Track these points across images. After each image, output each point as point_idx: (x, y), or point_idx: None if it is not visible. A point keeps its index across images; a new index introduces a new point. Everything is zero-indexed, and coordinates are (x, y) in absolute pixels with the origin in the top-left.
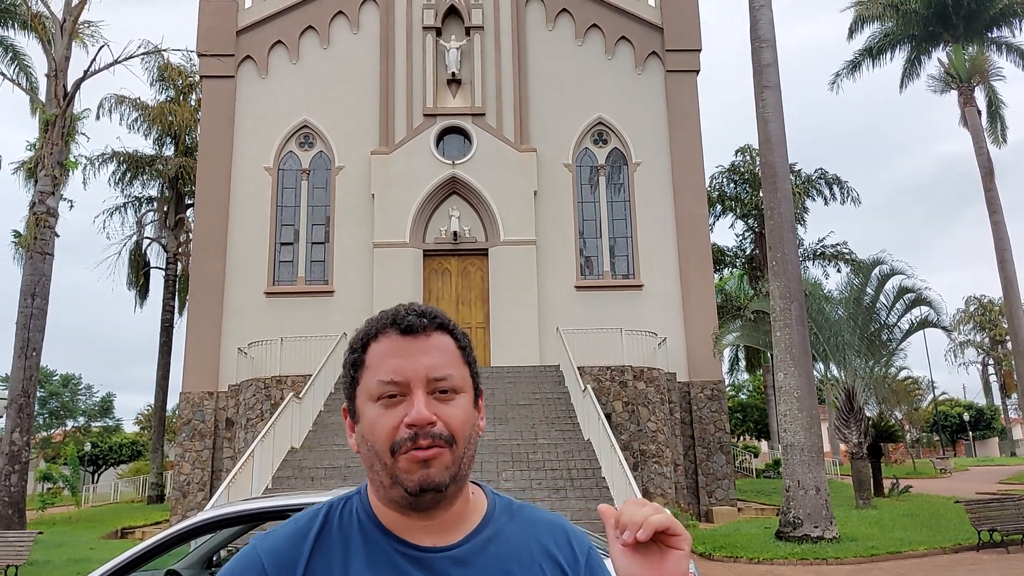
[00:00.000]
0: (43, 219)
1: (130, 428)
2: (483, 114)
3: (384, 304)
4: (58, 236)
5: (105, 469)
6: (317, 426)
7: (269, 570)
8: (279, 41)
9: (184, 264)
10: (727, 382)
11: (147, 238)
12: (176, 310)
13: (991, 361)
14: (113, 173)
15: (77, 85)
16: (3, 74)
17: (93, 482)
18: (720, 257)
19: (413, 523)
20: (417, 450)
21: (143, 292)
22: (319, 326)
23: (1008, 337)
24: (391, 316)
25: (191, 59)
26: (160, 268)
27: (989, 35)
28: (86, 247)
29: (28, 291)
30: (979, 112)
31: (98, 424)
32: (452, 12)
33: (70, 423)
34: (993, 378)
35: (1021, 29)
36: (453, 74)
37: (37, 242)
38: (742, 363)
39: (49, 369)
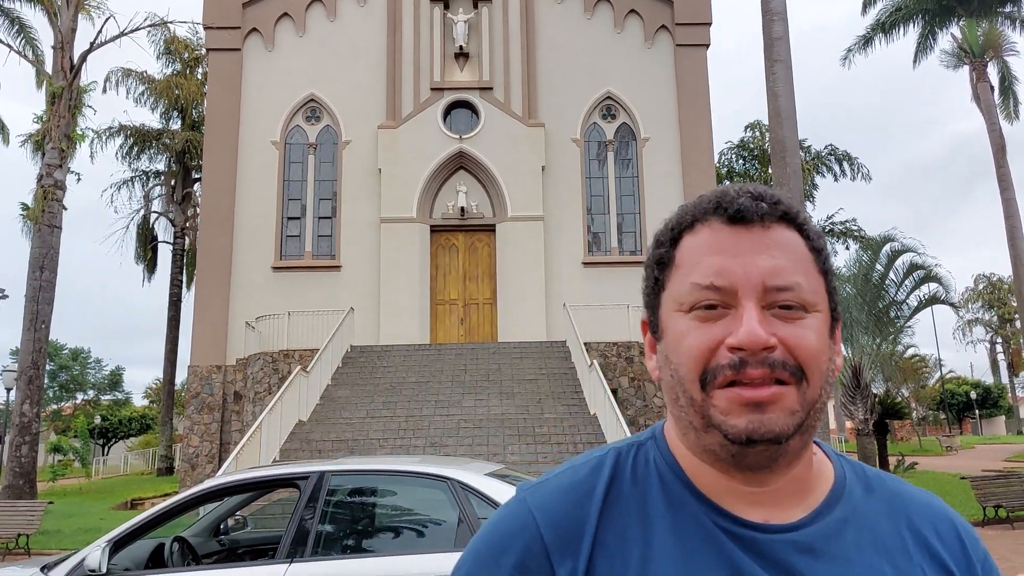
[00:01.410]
0: (51, 192)
1: (139, 402)
2: (491, 88)
3: (391, 279)
4: (66, 209)
5: (115, 442)
6: (324, 400)
7: (546, 536)
8: (285, 13)
9: (192, 238)
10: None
11: (155, 212)
12: (184, 284)
13: (999, 339)
14: (120, 147)
15: (83, 57)
16: (9, 46)
17: (103, 454)
18: None
19: (737, 487)
20: (743, 385)
21: (151, 266)
22: (326, 301)
23: (1017, 315)
24: (715, 198)
25: (197, 32)
26: (168, 242)
27: (1003, 10)
28: (94, 221)
29: (36, 264)
30: (992, 88)
31: (107, 397)
32: None
33: (80, 396)
34: (1001, 356)
35: None
36: (461, 48)
37: (45, 215)
38: None
39: (59, 343)
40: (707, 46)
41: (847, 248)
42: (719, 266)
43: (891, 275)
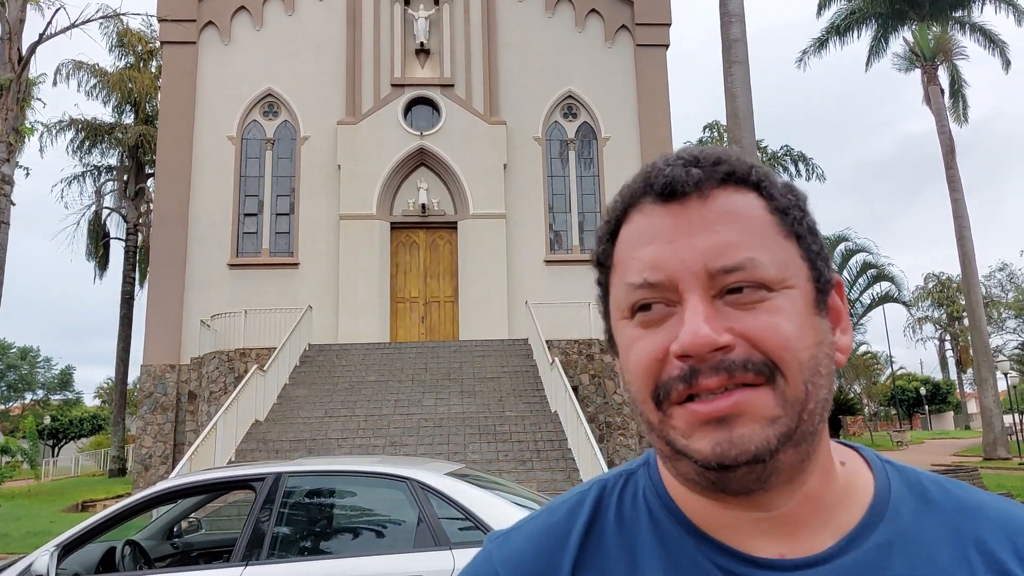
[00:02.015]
0: None
1: (91, 402)
2: (452, 85)
3: (351, 277)
4: (14, 204)
5: (65, 443)
6: (282, 399)
7: None
8: (242, 7)
9: (145, 235)
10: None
11: (107, 208)
12: (137, 282)
13: (948, 337)
14: (71, 141)
15: (32, 49)
16: None
17: (53, 456)
18: None
19: (738, 515)
20: (699, 400)
21: (103, 263)
22: (284, 299)
23: (965, 313)
24: (643, 175)
25: (151, 24)
26: (120, 239)
27: (953, 15)
28: (44, 216)
29: None
30: (942, 91)
31: (57, 397)
32: None
33: (29, 396)
34: (950, 354)
35: (982, 10)
36: (422, 44)
37: None
38: None
39: (6, 341)
40: (667, 46)
41: None
42: (652, 257)
43: (845, 274)
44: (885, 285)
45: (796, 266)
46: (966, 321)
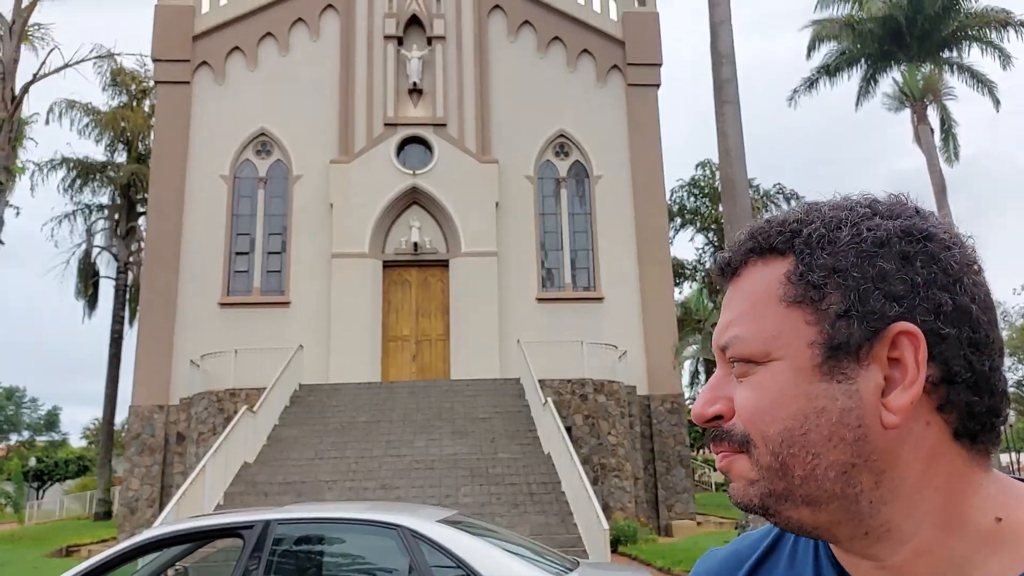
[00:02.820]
0: None
1: (77, 443)
2: (444, 124)
3: (342, 316)
4: (2, 244)
5: (50, 485)
6: (271, 440)
7: None
8: (236, 47)
9: (135, 274)
10: (687, 396)
11: (97, 247)
12: (126, 321)
13: None
14: (63, 179)
15: (26, 88)
16: None
17: (38, 498)
18: (680, 270)
19: (859, 562)
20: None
21: (92, 302)
22: (275, 338)
23: None
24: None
25: (145, 64)
26: (110, 278)
27: (941, 56)
28: (32, 255)
29: None
30: (932, 131)
31: (43, 439)
32: (414, 22)
33: (14, 437)
34: None
35: (969, 52)
36: (414, 84)
37: None
38: (702, 376)
39: None
40: (658, 86)
41: None
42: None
43: None
44: None
45: (791, 335)
46: None
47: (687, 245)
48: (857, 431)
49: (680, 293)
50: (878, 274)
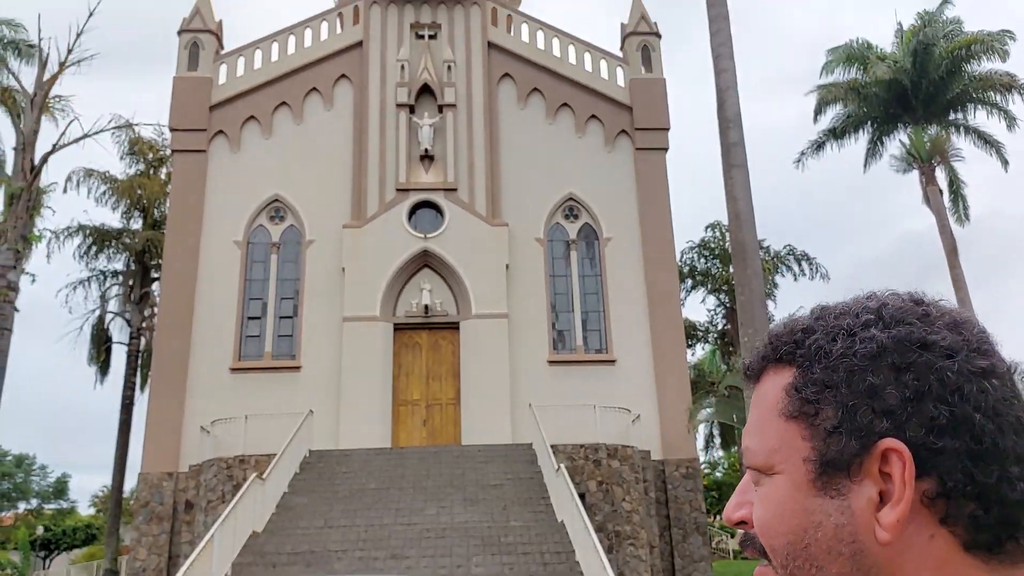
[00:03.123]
0: (3, 293)
1: (85, 511)
2: (455, 189)
3: (353, 380)
4: (18, 311)
5: (57, 554)
6: (281, 509)
7: None
8: (252, 116)
9: (148, 339)
10: (702, 460)
11: (111, 312)
12: (138, 387)
13: None
14: (78, 247)
15: (45, 159)
16: None
17: (44, 568)
18: (692, 332)
19: None
20: None
21: (104, 368)
22: (285, 403)
23: None
24: None
25: (163, 133)
26: (123, 343)
27: (948, 118)
28: (46, 320)
29: None
30: (941, 192)
31: (51, 506)
32: (425, 90)
33: (22, 506)
34: None
35: (975, 114)
36: (426, 150)
37: None
38: (717, 440)
39: (2, 449)
40: (665, 150)
41: None
42: None
43: None
44: None
45: (789, 449)
46: None
47: (699, 307)
48: (852, 546)
49: (693, 355)
50: (868, 388)
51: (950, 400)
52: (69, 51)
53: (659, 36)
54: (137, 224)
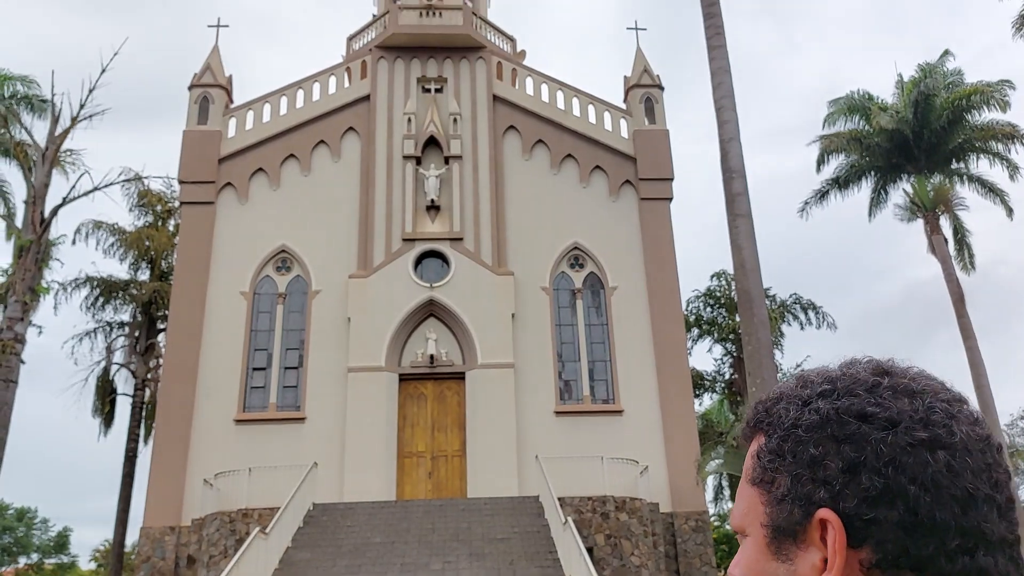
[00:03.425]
0: (9, 346)
1: (86, 565)
2: (461, 238)
3: (357, 431)
4: (24, 363)
5: None
6: (284, 564)
7: None
8: (260, 168)
9: (152, 391)
10: (712, 512)
11: (116, 363)
12: (141, 438)
13: None
14: (86, 298)
15: (55, 212)
16: None
17: None
18: (699, 381)
19: None
20: None
21: (108, 420)
22: (289, 454)
23: None
24: None
25: (172, 185)
26: (127, 395)
27: (950, 167)
28: (50, 371)
29: None
30: (946, 240)
31: (52, 561)
32: (432, 142)
33: (23, 560)
34: None
35: (977, 164)
36: (432, 200)
37: (1, 369)
38: (726, 491)
39: (3, 502)
40: (670, 199)
41: None
42: None
43: None
44: None
45: (753, 514)
46: None
47: (705, 356)
48: None
49: (700, 405)
50: (810, 459)
51: (884, 472)
52: (81, 106)
53: (662, 88)
54: (144, 275)
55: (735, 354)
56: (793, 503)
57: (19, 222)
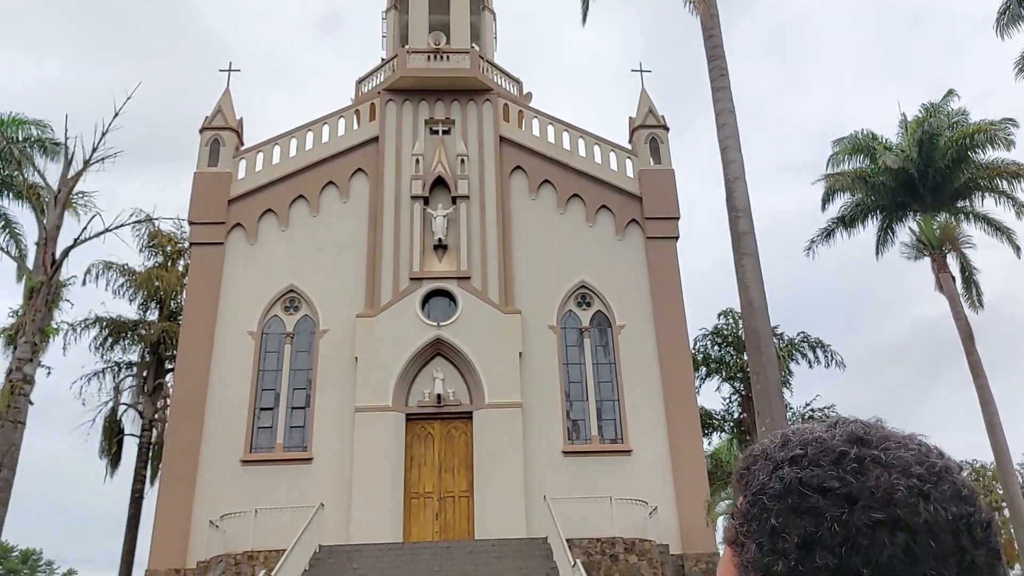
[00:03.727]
0: (18, 386)
1: None
2: (468, 277)
3: (364, 472)
4: (32, 404)
5: None
6: None
7: None
8: (269, 209)
9: (160, 431)
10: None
11: (123, 404)
12: (148, 479)
13: None
14: (95, 338)
15: (66, 253)
16: None
17: None
18: (708, 420)
19: None
20: None
21: (115, 461)
22: (296, 495)
23: (1004, 504)
24: None
25: (182, 226)
26: (134, 435)
27: (956, 205)
28: (57, 412)
29: None
30: (953, 278)
31: None
32: (439, 183)
33: None
34: None
35: (983, 202)
36: (440, 240)
37: (10, 410)
38: None
39: (9, 544)
40: (676, 238)
41: None
42: None
43: None
44: None
45: (726, 574)
46: (1006, 512)
47: (714, 395)
48: None
49: (709, 444)
50: (771, 529)
51: (838, 551)
52: (94, 149)
53: (667, 129)
54: (153, 316)
55: (744, 393)
56: (756, 571)
57: (30, 263)
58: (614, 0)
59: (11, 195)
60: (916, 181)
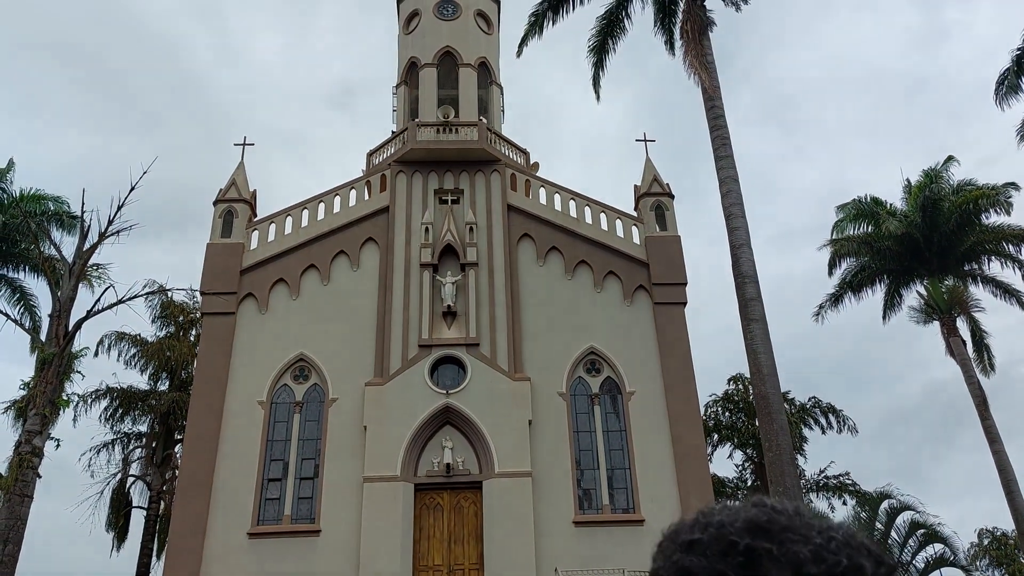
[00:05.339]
0: (27, 459)
1: None
2: (477, 344)
3: (372, 545)
4: (40, 477)
5: None
6: None
7: None
8: (281, 279)
9: (167, 503)
10: None
11: (132, 475)
12: (155, 552)
13: None
14: (105, 409)
15: (79, 325)
16: (7, 316)
17: None
18: (721, 488)
19: None
20: None
21: (122, 535)
22: (304, 569)
23: None
24: None
25: (194, 297)
26: (142, 507)
27: (963, 268)
28: (64, 483)
29: (1, 537)
30: (964, 342)
31: None
32: (448, 250)
33: None
34: None
35: (989, 266)
36: (448, 307)
37: (17, 484)
38: None
39: None
40: (684, 304)
41: (844, 503)
42: None
43: (892, 534)
44: (938, 547)
45: None
46: None
47: (726, 462)
48: None
49: None
50: None
51: None
52: (110, 222)
53: (672, 196)
54: (164, 386)
55: (756, 459)
56: None
57: (43, 335)
58: (619, 71)
59: (27, 268)
60: (922, 245)
